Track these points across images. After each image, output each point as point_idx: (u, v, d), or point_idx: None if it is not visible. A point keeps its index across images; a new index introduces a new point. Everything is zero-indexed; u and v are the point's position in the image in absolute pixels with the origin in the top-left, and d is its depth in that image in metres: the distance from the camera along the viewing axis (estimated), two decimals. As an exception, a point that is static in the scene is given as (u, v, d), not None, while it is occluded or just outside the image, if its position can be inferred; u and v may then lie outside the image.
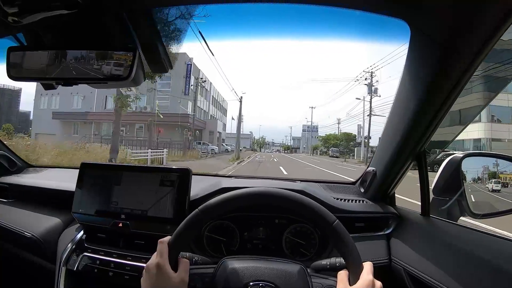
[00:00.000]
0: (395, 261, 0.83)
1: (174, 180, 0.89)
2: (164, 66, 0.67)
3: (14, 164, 1.39)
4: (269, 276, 0.61)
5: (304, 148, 56.95)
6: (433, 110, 0.68)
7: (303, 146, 58.21)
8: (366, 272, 0.56)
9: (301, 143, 61.74)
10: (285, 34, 0.82)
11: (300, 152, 55.16)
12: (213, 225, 0.96)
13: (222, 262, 0.65)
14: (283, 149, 63.79)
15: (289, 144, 67.87)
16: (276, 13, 0.71)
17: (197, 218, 0.59)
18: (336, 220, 0.58)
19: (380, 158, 0.93)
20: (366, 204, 1.01)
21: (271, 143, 70.64)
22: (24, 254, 1.07)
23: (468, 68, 0.57)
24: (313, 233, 0.94)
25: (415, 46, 0.63)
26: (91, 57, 0.60)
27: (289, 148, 63.13)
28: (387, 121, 0.85)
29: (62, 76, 0.61)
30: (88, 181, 0.97)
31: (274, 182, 1.17)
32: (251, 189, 0.61)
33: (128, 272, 0.84)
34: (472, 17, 0.49)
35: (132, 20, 0.62)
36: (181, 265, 0.59)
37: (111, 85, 0.65)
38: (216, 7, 0.64)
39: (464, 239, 0.73)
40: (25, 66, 0.64)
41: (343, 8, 0.59)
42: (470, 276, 0.62)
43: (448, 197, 0.93)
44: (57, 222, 1.08)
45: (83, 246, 0.93)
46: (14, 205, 1.20)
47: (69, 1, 0.54)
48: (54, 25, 0.64)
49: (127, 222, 0.89)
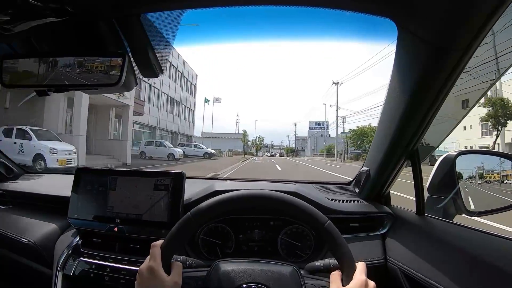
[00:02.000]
0: (391, 261, 0.83)
1: (168, 184, 0.90)
2: (155, 70, 0.68)
3: (11, 170, 1.39)
4: (262, 278, 0.62)
5: (312, 150, 49.63)
6: (423, 108, 0.68)
7: (311, 147, 50.61)
8: (359, 272, 0.56)
9: (308, 144, 53.46)
10: (274, 36, 0.83)
11: (305, 155, 47.34)
12: (208, 228, 0.96)
13: (215, 265, 0.66)
14: (285, 152, 56.84)
15: (292, 145, 58.92)
16: (266, 15, 0.72)
17: (189, 221, 0.59)
18: (328, 221, 0.59)
19: (373, 158, 0.93)
20: (360, 204, 1.01)
21: (270, 145, 63.46)
22: (21, 259, 1.07)
23: (456, 65, 0.57)
24: (309, 235, 0.94)
25: (402, 45, 0.63)
26: (81, 64, 0.60)
27: (292, 151, 55.40)
28: (379, 120, 0.85)
29: (54, 83, 0.62)
30: (83, 186, 0.97)
31: (268, 184, 1.17)
32: (243, 192, 0.61)
33: (124, 276, 0.84)
34: (459, 13, 0.49)
35: (121, 26, 0.63)
36: (174, 268, 0.59)
37: (102, 91, 0.66)
38: (206, 11, 0.65)
39: (460, 238, 0.73)
40: (17, 74, 0.64)
41: (329, 8, 0.59)
42: (466, 274, 0.62)
43: (443, 196, 0.93)
44: (53, 228, 1.08)
45: (79, 251, 0.94)
46: (11, 212, 1.20)
47: (59, 9, 0.55)
48: (45, 32, 0.65)
49: (122, 227, 0.90)
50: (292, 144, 60.12)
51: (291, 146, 60.39)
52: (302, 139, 58.03)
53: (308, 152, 51.74)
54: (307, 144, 54.85)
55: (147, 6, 0.61)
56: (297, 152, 55.47)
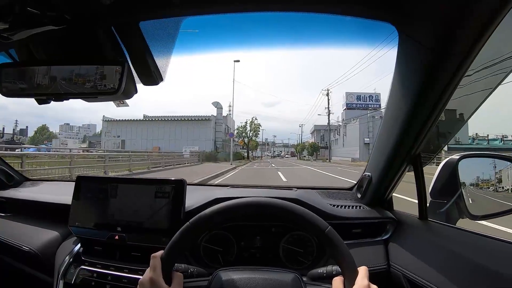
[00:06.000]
0: (394, 266, 0.82)
1: (169, 191, 0.89)
2: (155, 78, 0.68)
3: (12, 178, 1.39)
4: (263, 287, 0.61)
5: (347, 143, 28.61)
6: (425, 113, 0.68)
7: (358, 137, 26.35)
8: (361, 277, 0.56)
9: (340, 134, 31.40)
10: (276, 42, 0.83)
11: (336, 155, 29.51)
12: (209, 235, 0.96)
13: (216, 274, 0.65)
14: (296, 151, 37.77)
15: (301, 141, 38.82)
16: (269, 21, 0.72)
17: (188, 231, 0.59)
18: (329, 226, 0.58)
19: (375, 163, 0.93)
20: (363, 209, 1.00)
21: (271, 142, 49.47)
22: (22, 267, 1.07)
23: (458, 69, 0.57)
24: (311, 241, 0.93)
25: (403, 50, 0.63)
26: (80, 72, 0.60)
27: (315, 150, 35.18)
28: (380, 125, 0.85)
29: (53, 91, 0.62)
30: (84, 194, 0.97)
31: (269, 191, 1.16)
32: (242, 200, 0.61)
33: (125, 285, 0.83)
34: (459, 18, 0.49)
35: (121, 34, 0.63)
36: (174, 279, 0.59)
37: (102, 99, 0.65)
38: (206, 18, 0.65)
39: (463, 242, 0.72)
40: (16, 82, 0.64)
41: (330, 14, 0.59)
42: (470, 280, 0.61)
43: (446, 200, 0.92)
44: (54, 235, 1.08)
45: (80, 259, 0.93)
46: (12, 219, 1.20)
47: (57, 17, 0.55)
48: (44, 40, 0.65)
49: (123, 235, 0.89)
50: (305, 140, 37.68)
51: (302, 142, 40.92)
52: (323, 130, 37.18)
53: (342, 143, 31.06)
54: (338, 135, 32.73)
55: (145, 13, 0.60)
56: (317, 152, 35.33)
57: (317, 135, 40.90)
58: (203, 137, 25.27)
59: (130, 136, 23.49)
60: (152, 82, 0.68)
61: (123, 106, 0.76)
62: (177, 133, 25.35)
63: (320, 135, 39.47)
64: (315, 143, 38.63)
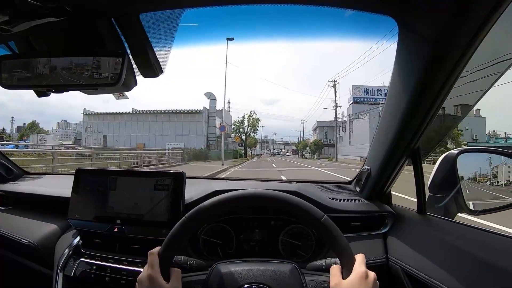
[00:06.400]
0: (392, 260, 0.82)
1: (168, 184, 0.90)
2: (155, 70, 0.68)
3: (11, 171, 1.39)
4: (262, 278, 0.61)
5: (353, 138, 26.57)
6: (425, 107, 0.68)
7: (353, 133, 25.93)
8: (359, 264, 0.57)
9: (346, 131, 29.72)
10: (276, 35, 0.83)
11: (341, 153, 27.50)
12: (209, 228, 0.96)
13: (214, 267, 0.66)
14: (297, 149, 36.01)
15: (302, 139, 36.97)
16: (269, 14, 0.72)
17: (184, 226, 0.59)
18: (324, 215, 0.59)
19: (374, 157, 0.93)
20: (362, 203, 1.01)
21: (271, 140, 48.54)
22: (21, 260, 1.07)
23: (458, 63, 0.57)
24: (309, 234, 0.94)
25: (403, 43, 0.63)
26: (80, 63, 0.60)
27: (318, 148, 33.44)
28: (380, 118, 0.85)
29: (53, 83, 0.61)
30: (83, 187, 0.97)
31: (268, 184, 1.17)
32: (238, 192, 0.61)
33: (125, 277, 0.84)
34: (459, 10, 0.49)
35: (121, 25, 0.62)
36: (173, 274, 0.59)
37: (101, 91, 0.65)
38: (207, 10, 0.65)
39: (461, 236, 0.73)
40: (16, 74, 0.64)
41: (331, 7, 0.59)
42: (468, 273, 0.62)
43: (444, 194, 0.93)
44: (54, 229, 1.08)
45: (80, 251, 0.93)
46: (11, 213, 1.20)
47: (58, 9, 0.55)
48: (44, 32, 0.64)
49: (122, 227, 0.90)
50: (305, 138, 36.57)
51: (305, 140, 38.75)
52: (327, 127, 35.46)
53: (349, 140, 29.35)
54: (344, 132, 31.21)
55: (146, 4, 0.60)
56: (321, 149, 33.55)
57: (319, 132, 39.06)
58: (193, 132, 22.28)
59: (113, 132, 20.89)
60: (152, 75, 0.68)
61: (123, 98, 0.76)
62: (164, 128, 22.54)
63: (323, 132, 37.59)
64: (319, 141, 36.73)
